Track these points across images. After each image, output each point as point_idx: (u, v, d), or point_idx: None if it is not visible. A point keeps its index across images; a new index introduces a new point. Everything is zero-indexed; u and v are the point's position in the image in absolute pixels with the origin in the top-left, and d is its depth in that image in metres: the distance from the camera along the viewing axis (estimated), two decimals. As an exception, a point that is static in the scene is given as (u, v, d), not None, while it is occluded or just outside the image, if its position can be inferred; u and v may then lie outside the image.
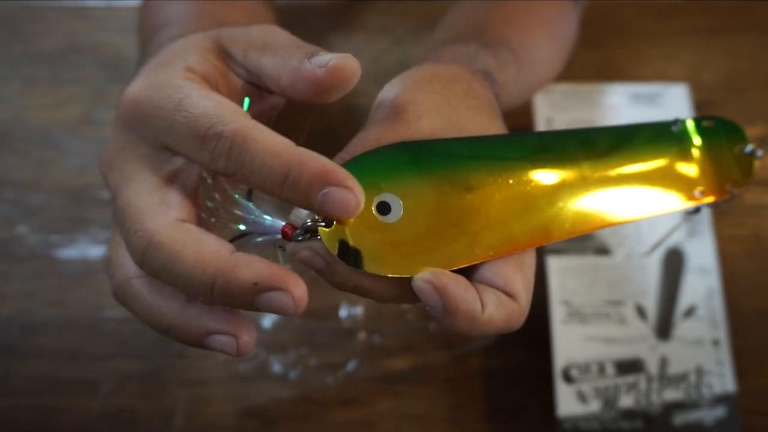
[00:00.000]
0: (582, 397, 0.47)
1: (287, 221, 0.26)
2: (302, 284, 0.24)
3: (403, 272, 0.26)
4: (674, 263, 0.51)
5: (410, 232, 0.27)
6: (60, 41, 0.61)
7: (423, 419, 0.49)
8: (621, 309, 0.50)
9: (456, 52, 0.38)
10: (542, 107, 0.56)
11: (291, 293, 0.23)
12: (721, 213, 0.54)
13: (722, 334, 0.49)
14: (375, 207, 0.26)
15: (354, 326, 0.51)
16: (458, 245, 0.27)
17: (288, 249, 0.26)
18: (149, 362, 0.50)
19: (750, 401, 0.49)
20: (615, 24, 0.62)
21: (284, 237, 0.26)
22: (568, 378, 0.48)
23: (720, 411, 0.47)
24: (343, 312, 0.51)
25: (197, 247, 0.24)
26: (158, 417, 0.48)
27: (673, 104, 0.56)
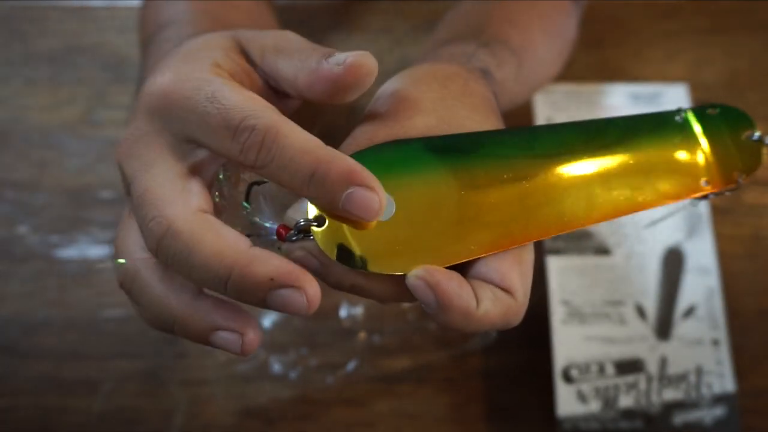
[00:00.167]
0: (582, 397, 0.47)
1: (282, 222, 0.26)
2: (316, 284, 0.24)
3: (398, 270, 0.26)
4: (674, 263, 0.51)
5: (404, 230, 0.26)
6: (60, 41, 0.61)
7: (423, 419, 0.49)
8: (621, 309, 0.50)
9: (454, 52, 0.38)
10: (542, 107, 0.56)
11: (305, 292, 0.23)
12: (721, 212, 0.55)
13: (722, 334, 0.49)
14: None
15: (354, 326, 0.51)
16: (453, 241, 0.27)
17: (283, 250, 0.26)
18: (149, 362, 0.50)
19: (749, 401, 0.49)
20: (615, 24, 0.62)
21: (279, 238, 0.26)
22: (568, 378, 0.48)
23: (719, 411, 0.47)
24: (343, 312, 0.51)
25: (216, 238, 0.24)
26: (158, 417, 0.48)
27: (673, 104, 0.56)
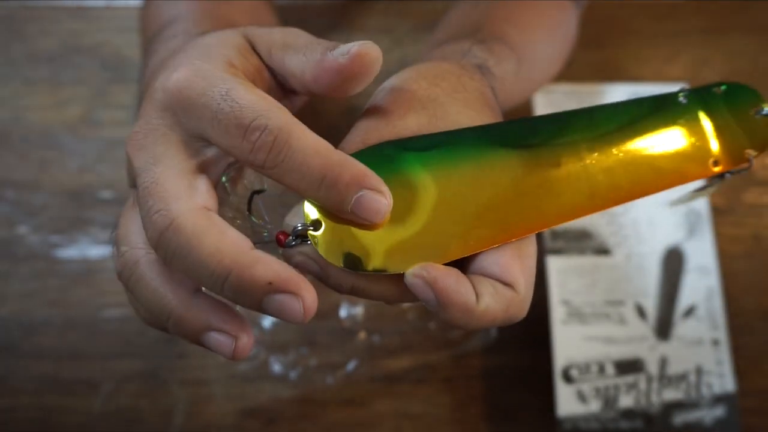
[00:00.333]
0: (582, 397, 0.47)
1: (281, 228, 0.26)
2: (314, 293, 0.24)
3: (396, 269, 0.26)
4: (674, 263, 0.51)
5: (399, 229, 0.26)
6: (60, 41, 0.61)
7: (423, 419, 0.49)
8: (621, 309, 0.50)
9: (449, 50, 0.38)
10: (542, 107, 0.56)
11: (303, 299, 0.23)
12: (721, 212, 0.55)
13: (722, 334, 0.49)
14: None
15: (354, 326, 0.51)
16: (450, 237, 0.27)
17: (283, 255, 0.27)
18: (150, 362, 0.50)
19: (749, 401, 0.49)
20: (615, 24, 0.62)
21: (278, 243, 0.26)
22: (568, 378, 0.48)
23: (719, 411, 0.47)
24: (343, 312, 0.51)
25: (218, 237, 0.24)
26: (158, 417, 0.49)
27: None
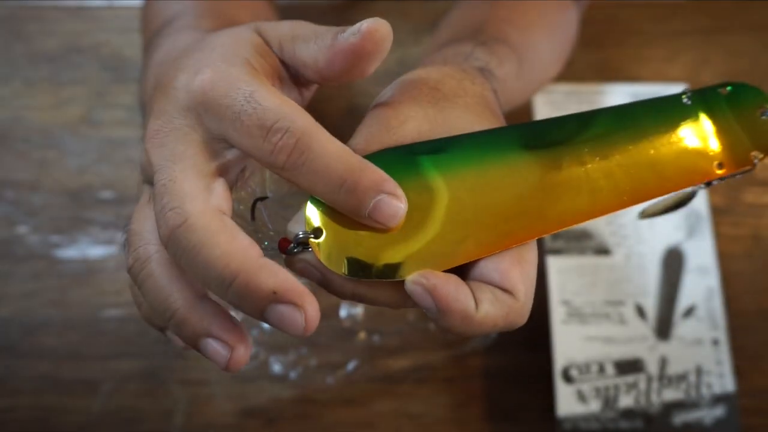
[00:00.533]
0: (582, 397, 0.47)
1: (283, 235, 0.27)
2: (317, 306, 0.24)
3: (397, 275, 0.26)
4: (674, 263, 0.51)
5: (399, 236, 0.26)
6: (60, 41, 0.61)
7: (423, 419, 0.49)
8: (621, 309, 0.50)
9: (450, 53, 0.37)
10: (542, 107, 0.56)
11: (305, 312, 0.23)
12: (721, 212, 0.55)
13: (722, 334, 0.49)
14: None
15: (354, 326, 0.51)
16: (450, 244, 0.27)
17: (286, 262, 0.27)
18: (150, 362, 0.50)
19: (749, 401, 0.49)
20: (615, 24, 0.62)
21: (281, 251, 0.26)
22: (568, 378, 0.48)
23: (719, 411, 0.47)
24: (343, 312, 0.51)
25: (229, 240, 0.24)
26: (159, 417, 0.49)
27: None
